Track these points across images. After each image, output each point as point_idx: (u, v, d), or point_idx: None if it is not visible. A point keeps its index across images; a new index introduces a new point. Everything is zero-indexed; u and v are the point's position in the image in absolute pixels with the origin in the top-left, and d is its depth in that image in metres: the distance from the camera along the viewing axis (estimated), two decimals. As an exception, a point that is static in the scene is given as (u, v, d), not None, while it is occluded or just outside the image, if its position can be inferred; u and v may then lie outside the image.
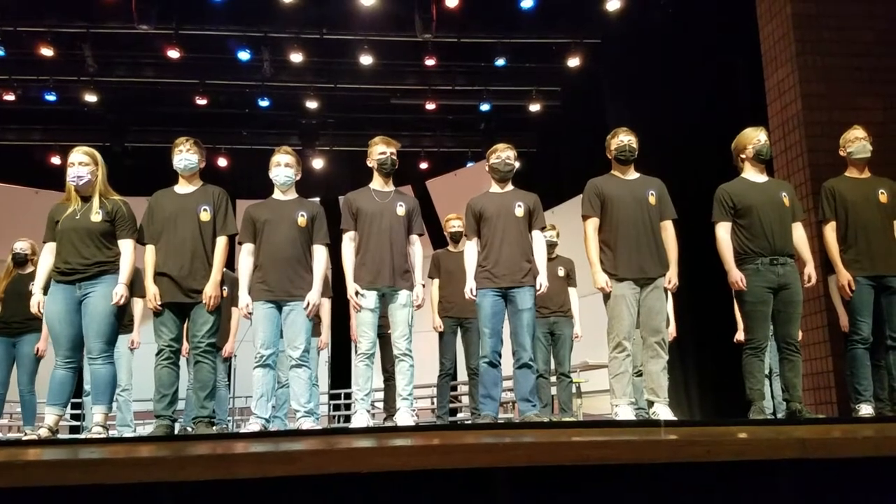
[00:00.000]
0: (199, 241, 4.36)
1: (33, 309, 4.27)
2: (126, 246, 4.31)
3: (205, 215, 4.40)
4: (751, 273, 4.35)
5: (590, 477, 2.37)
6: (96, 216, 4.23)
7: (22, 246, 5.69)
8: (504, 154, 4.76)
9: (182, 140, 4.48)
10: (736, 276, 4.37)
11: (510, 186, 4.82)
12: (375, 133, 4.96)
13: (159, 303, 4.27)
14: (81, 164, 4.26)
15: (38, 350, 5.59)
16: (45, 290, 4.28)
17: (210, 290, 4.29)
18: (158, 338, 4.32)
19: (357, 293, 4.55)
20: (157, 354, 4.31)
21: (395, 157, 4.74)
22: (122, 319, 4.31)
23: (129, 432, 5.71)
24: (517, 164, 4.89)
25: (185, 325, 4.47)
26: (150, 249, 4.40)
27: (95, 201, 4.26)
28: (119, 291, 4.18)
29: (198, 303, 4.30)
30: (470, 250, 4.78)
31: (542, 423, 4.35)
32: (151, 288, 4.29)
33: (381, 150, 4.71)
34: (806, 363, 5.73)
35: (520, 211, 4.67)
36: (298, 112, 11.74)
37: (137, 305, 5.82)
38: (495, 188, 4.82)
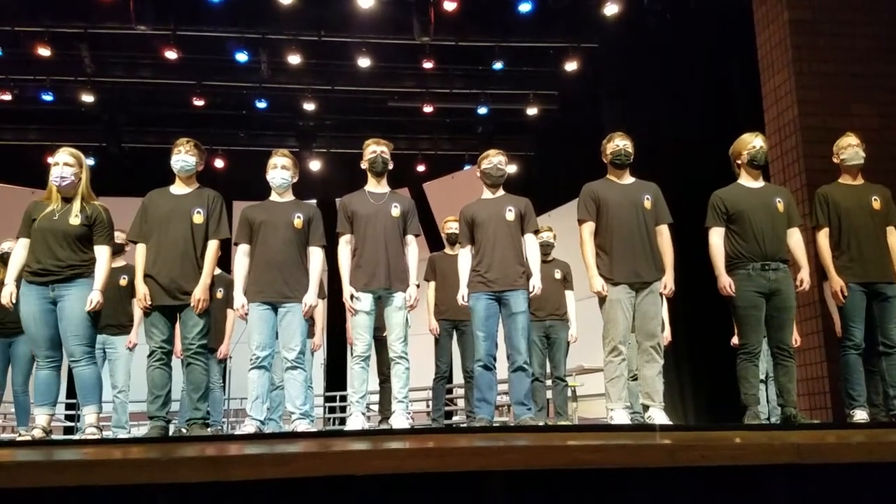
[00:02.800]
0: (189, 244, 4.34)
1: (4, 300, 4.23)
2: (102, 252, 4.28)
3: (198, 217, 4.38)
4: (742, 278, 4.36)
5: (585, 481, 2.37)
6: (75, 219, 4.20)
7: (10, 246, 5.67)
8: (496, 159, 4.77)
9: (183, 141, 4.46)
10: (724, 282, 4.38)
11: (501, 192, 4.84)
12: (373, 135, 4.97)
13: (149, 303, 4.25)
14: (66, 164, 4.24)
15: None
16: (19, 282, 4.24)
17: (199, 294, 4.27)
18: (150, 339, 4.31)
19: (352, 296, 4.55)
20: (148, 356, 4.31)
21: (385, 157, 4.73)
22: (98, 321, 4.29)
23: (123, 434, 5.69)
24: (509, 170, 4.90)
25: (177, 326, 4.46)
26: (140, 248, 4.38)
27: (76, 204, 4.23)
28: (94, 298, 4.16)
29: (187, 305, 4.28)
30: (464, 257, 4.79)
31: (538, 427, 4.36)
32: (141, 287, 4.28)
33: (371, 149, 4.72)
34: (801, 368, 5.73)
35: (511, 215, 4.68)
36: (296, 114, 11.72)
37: (137, 306, 5.80)
38: (487, 194, 4.84)
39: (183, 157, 4.43)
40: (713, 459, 2.36)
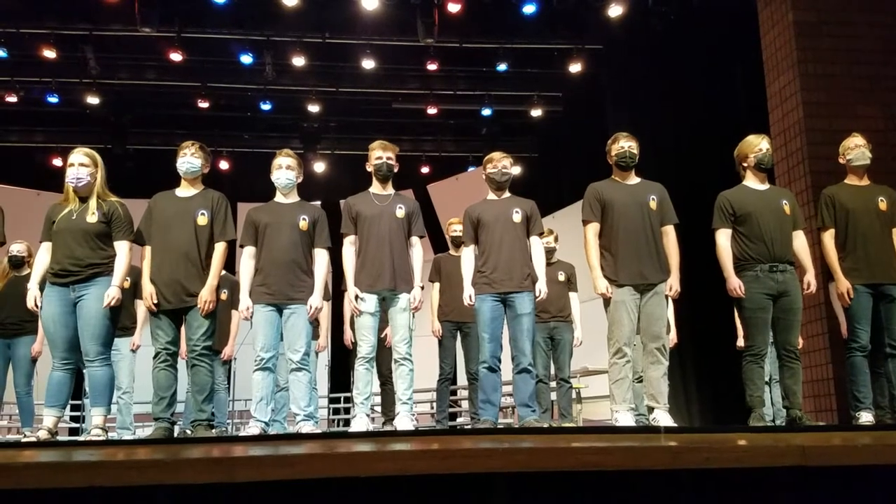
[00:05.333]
0: (193, 245, 4.35)
1: (29, 304, 4.26)
2: (122, 248, 4.30)
3: (202, 219, 4.39)
4: (750, 280, 4.35)
5: (589, 483, 2.37)
6: (92, 217, 4.23)
7: (18, 248, 5.69)
8: (500, 164, 4.77)
9: (188, 144, 4.49)
10: (734, 284, 4.37)
11: (507, 194, 4.84)
12: (377, 137, 4.97)
13: (156, 301, 4.27)
14: (81, 165, 4.26)
15: (34, 352, 5.59)
16: (42, 286, 4.27)
17: (205, 295, 4.28)
18: (155, 341, 4.32)
19: (357, 297, 4.55)
20: (154, 357, 4.32)
21: (391, 162, 4.73)
22: (116, 321, 4.30)
23: (128, 435, 5.70)
24: (514, 172, 4.90)
25: (183, 328, 4.46)
26: (147, 250, 4.40)
27: (92, 202, 4.26)
28: (112, 293, 4.17)
29: (193, 306, 4.29)
30: (467, 257, 4.78)
31: (542, 429, 4.35)
32: (148, 287, 4.30)
33: (377, 154, 4.71)
34: (806, 370, 5.72)
35: (517, 217, 4.68)
36: (300, 115, 11.73)
37: (140, 307, 5.81)
38: (492, 196, 4.84)
39: (188, 159, 4.45)
40: (718, 461, 2.36)
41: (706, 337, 7.57)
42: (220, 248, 4.42)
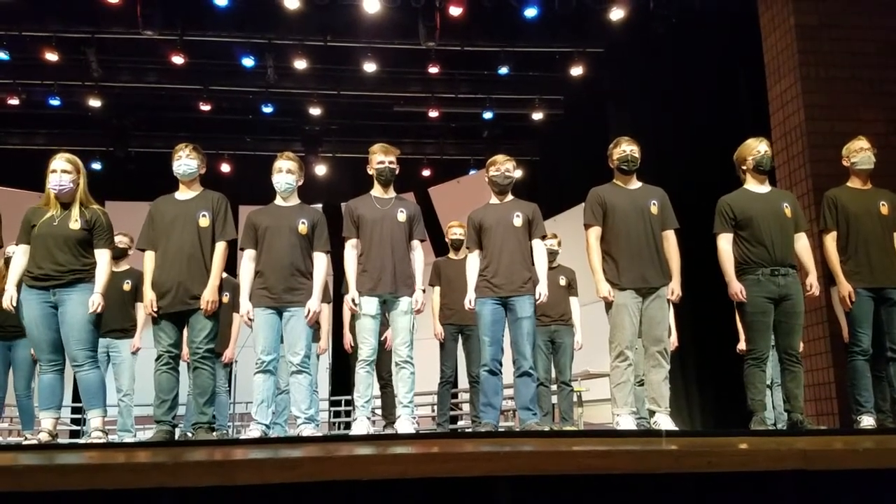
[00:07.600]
0: (197, 247, 4.36)
1: (5, 303, 4.24)
2: (102, 256, 4.30)
3: (204, 221, 4.40)
4: (751, 283, 4.35)
5: (591, 486, 2.36)
6: (75, 224, 4.22)
7: (15, 249, 5.69)
8: (503, 166, 4.77)
9: (182, 146, 4.50)
10: (736, 288, 4.37)
11: (510, 197, 4.84)
12: (378, 140, 4.96)
13: (156, 308, 4.27)
14: (64, 171, 4.25)
15: (33, 354, 5.59)
16: (19, 288, 4.25)
17: (208, 296, 4.29)
18: (157, 343, 4.33)
19: (354, 301, 4.54)
20: (156, 360, 4.33)
21: (393, 166, 4.73)
22: (100, 325, 4.31)
23: (129, 437, 5.70)
24: (517, 175, 4.90)
25: (185, 331, 4.47)
26: (148, 255, 4.41)
27: (75, 209, 4.26)
28: (96, 301, 4.18)
29: (196, 309, 4.30)
30: (472, 262, 4.79)
31: (543, 432, 4.35)
32: (149, 294, 4.30)
33: (379, 159, 4.71)
34: (807, 374, 5.72)
35: (518, 221, 4.68)
36: (302, 118, 11.75)
37: (140, 310, 5.82)
38: (495, 200, 4.84)
39: (184, 161, 4.46)
40: (719, 465, 2.35)
41: (707, 340, 7.57)
42: (220, 248, 4.43)
